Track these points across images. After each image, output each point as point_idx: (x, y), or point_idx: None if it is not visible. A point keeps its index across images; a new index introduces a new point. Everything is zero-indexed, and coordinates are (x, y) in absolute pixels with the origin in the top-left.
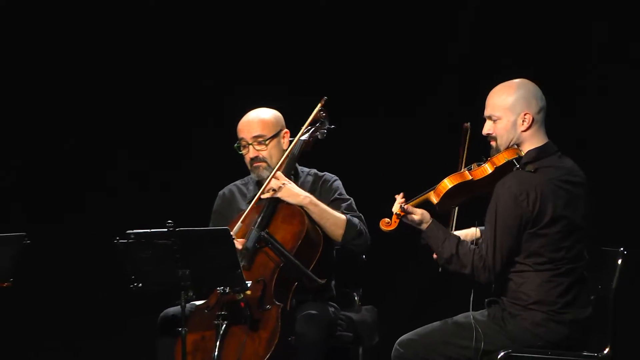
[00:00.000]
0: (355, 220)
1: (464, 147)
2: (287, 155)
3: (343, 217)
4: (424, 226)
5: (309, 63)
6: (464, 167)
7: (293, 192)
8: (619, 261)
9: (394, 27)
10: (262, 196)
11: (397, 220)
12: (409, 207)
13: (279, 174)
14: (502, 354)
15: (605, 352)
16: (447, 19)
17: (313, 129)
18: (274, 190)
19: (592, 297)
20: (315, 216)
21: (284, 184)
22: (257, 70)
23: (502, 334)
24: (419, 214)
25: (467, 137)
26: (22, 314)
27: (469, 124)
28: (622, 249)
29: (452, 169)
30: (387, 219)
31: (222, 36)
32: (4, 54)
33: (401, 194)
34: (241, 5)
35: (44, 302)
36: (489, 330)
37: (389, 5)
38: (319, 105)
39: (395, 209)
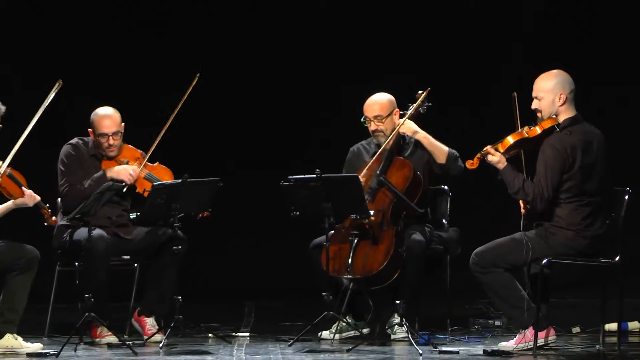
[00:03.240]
0: (454, 150)
1: (516, 110)
2: (403, 122)
3: (446, 148)
4: (500, 166)
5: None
6: (520, 127)
7: (420, 132)
8: (626, 197)
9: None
10: (402, 130)
11: (478, 162)
12: (491, 149)
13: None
14: (545, 260)
15: (617, 259)
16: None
17: (415, 105)
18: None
19: (607, 222)
20: (428, 146)
21: (415, 130)
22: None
23: (545, 246)
24: (498, 157)
25: (516, 102)
26: (216, 234)
27: (515, 93)
28: (628, 188)
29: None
30: (470, 160)
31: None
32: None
33: (488, 146)
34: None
35: (231, 225)
36: (536, 244)
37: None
38: (424, 93)
39: (484, 150)
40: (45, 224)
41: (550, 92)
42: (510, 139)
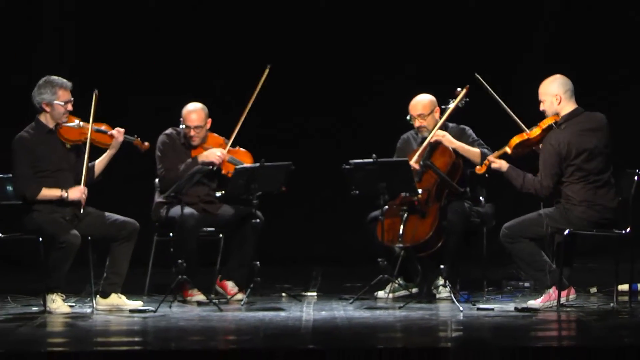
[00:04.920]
0: (486, 150)
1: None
2: (442, 121)
3: (478, 150)
4: (503, 169)
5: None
6: (526, 129)
7: (451, 140)
8: (635, 177)
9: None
10: (433, 139)
11: (485, 167)
12: (492, 158)
13: (439, 131)
14: (567, 231)
15: (628, 230)
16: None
17: (456, 101)
18: (440, 137)
19: (620, 198)
20: (462, 153)
21: (444, 135)
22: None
23: (564, 219)
24: (498, 163)
25: (482, 82)
26: (290, 209)
27: (476, 74)
28: (638, 170)
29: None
30: (479, 167)
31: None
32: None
33: (492, 154)
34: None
35: (303, 202)
36: (557, 217)
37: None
38: (464, 90)
39: (485, 159)
40: (141, 152)
41: (548, 94)
42: (515, 140)
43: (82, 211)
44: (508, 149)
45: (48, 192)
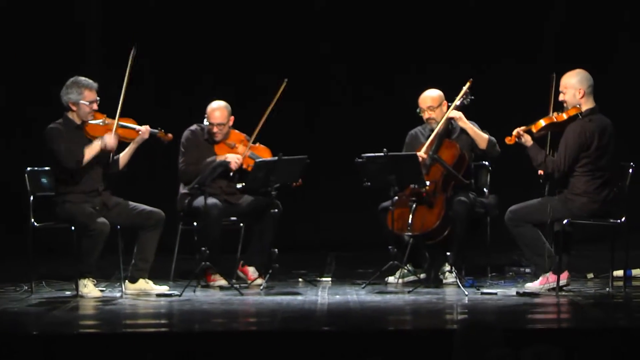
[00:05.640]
0: (493, 138)
1: (552, 90)
2: (448, 113)
3: (487, 135)
4: (528, 144)
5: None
6: (552, 112)
7: (465, 121)
8: (630, 170)
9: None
10: (451, 115)
11: (514, 139)
12: (521, 131)
13: (454, 112)
14: (566, 220)
15: (623, 219)
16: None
17: (461, 97)
18: (452, 118)
19: (615, 189)
20: (472, 135)
21: (460, 117)
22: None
23: (565, 209)
24: (525, 137)
25: (554, 83)
26: (303, 200)
27: (554, 74)
28: (632, 163)
29: (545, 113)
30: (509, 137)
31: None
32: None
33: (521, 128)
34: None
35: (318, 193)
36: (558, 207)
37: None
38: (468, 83)
39: (515, 131)
40: (164, 143)
41: (571, 87)
42: (542, 122)
43: (110, 159)
44: (534, 128)
45: (90, 151)
